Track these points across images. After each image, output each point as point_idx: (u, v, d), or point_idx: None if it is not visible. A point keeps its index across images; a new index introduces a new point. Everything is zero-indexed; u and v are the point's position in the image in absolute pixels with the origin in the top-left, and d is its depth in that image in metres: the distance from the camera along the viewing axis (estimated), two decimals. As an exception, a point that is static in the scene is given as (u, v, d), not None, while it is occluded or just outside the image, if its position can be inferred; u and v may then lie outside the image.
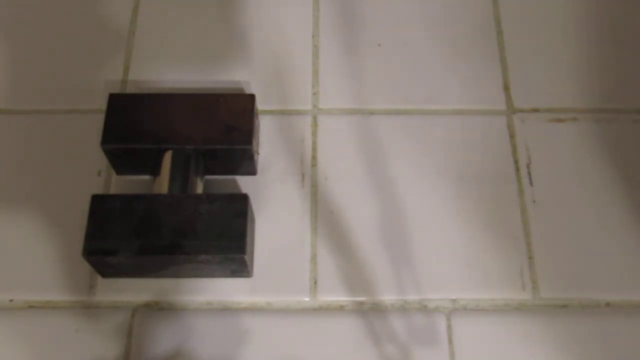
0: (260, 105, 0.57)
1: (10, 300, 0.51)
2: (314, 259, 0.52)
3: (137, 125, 0.53)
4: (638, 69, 0.60)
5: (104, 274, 0.51)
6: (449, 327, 0.50)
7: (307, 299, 0.51)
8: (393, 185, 0.55)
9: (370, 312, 0.51)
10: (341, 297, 0.51)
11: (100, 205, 0.49)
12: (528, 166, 0.56)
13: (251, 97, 0.54)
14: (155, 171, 0.53)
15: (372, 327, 0.50)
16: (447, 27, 0.62)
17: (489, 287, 0.51)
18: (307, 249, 0.53)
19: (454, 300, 0.51)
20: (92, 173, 0.55)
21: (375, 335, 0.50)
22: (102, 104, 0.55)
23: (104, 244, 0.48)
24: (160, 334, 0.50)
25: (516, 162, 0.56)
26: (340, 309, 0.51)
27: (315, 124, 0.57)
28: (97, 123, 0.55)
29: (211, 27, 0.62)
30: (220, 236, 0.48)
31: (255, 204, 0.53)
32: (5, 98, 0.59)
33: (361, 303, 0.51)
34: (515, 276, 0.52)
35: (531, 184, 0.55)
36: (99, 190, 0.55)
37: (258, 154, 0.56)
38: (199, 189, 0.52)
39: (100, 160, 0.55)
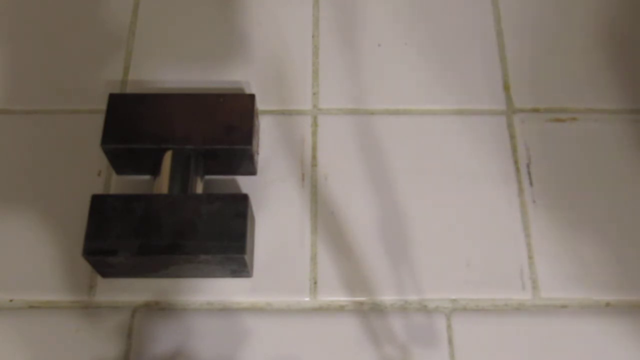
0: (260, 105, 0.57)
1: (10, 300, 0.51)
2: (314, 258, 0.52)
3: (137, 125, 0.53)
4: (638, 69, 0.60)
5: (104, 274, 0.51)
6: (449, 327, 0.50)
7: (307, 299, 0.51)
8: (393, 185, 0.55)
9: (370, 312, 0.51)
10: (341, 297, 0.51)
11: (100, 205, 0.49)
12: (528, 166, 0.56)
13: (251, 97, 0.54)
14: (155, 171, 0.53)
15: (372, 327, 0.50)
16: (447, 27, 0.62)
17: (489, 287, 0.51)
18: (307, 248, 0.53)
19: (454, 300, 0.51)
20: (92, 173, 0.55)
21: (375, 335, 0.50)
22: (102, 104, 0.55)
23: (104, 244, 0.48)
24: (160, 334, 0.50)
25: (516, 162, 0.56)
26: (340, 309, 0.51)
27: (315, 124, 0.57)
28: (97, 123, 0.55)
29: (211, 27, 0.62)
30: (220, 236, 0.48)
31: (255, 204, 0.53)
32: (5, 98, 0.59)
33: (361, 303, 0.51)
34: (515, 276, 0.52)
35: (531, 184, 0.55)
36: (99, 190, 0.55)
37: (258, 154, 0.56)
38: (199, 189, 0.52)
39: (100, 160, 0.55)
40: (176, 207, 0.49)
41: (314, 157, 0.56)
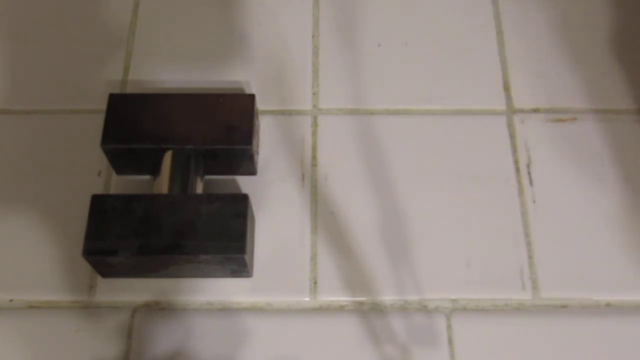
0: (260, 105, 0.57)
1: (10, 300, 0.51)
2: (314, 258, 0.52)
3: (137, 125, 0.53)
4: (638, 69, 0.60)
5: (104, 274, 0.51)
6: (449, 327, 0.50)
7: (307, 299, 0.51)
8: (393, 185, 0.55)
9: (370, 312, 0.51)
10: (341, 297, 0.51)
11: (100, 205, 0.49)
12: (528, 166, 0.56)
13: (251, 97, 0.54)
14: (155, 171, 0.53)
15: (372, 327, 0.50)
16: (447, 27, 0.62)
17: (489, 287, 0.51)
18: (307, 248, 0.53)
19: (454, 300, 0.51)
20: (92, 173, 0.55)
21: (375, 335, 0.50)
22: (102, 104, 0.55)
23: (104, 244, 0.48)
24: (160, 334, 0.50)
25: (516, 162, 0.56)
26: (340, 309, 0.51)
27: (315, 124, 0.57)
28: (97, 123, 0.55)
29: (211, 27, 0.62)
30: (220, 236, 0.48)
31: (255, 204, 0.53)
32: (5, 98, 0.59)
33: (361, 303, 0.51)
34: (515, 276, 0.52)
35: (531, 184, 0.55)
36: (99, 190, 0.55)
37: (258, 154, 0.56)
38: (199, 189, 0.52)
39: (100, 160, 0.55)
40: (176, 207, 0.49)
41: (314, 157, 0.56)
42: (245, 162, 0.54)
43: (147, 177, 0.55)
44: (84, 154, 0.56)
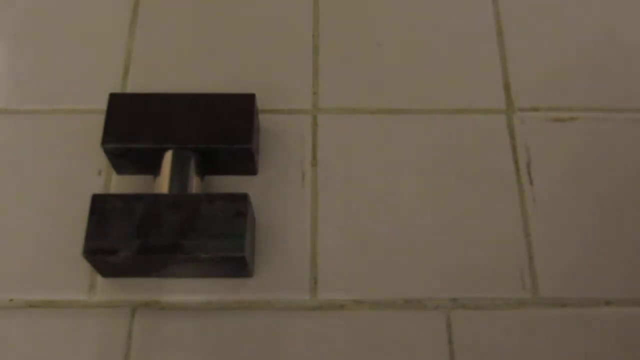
0: (260, 105, 0.57)
1: (10, 300, 0.51)
2: (314, 258, 0.52)
3: (137, 125, 0.53)
4: (638, 69, 0.60)
5: (104, 274, 0.51)
6: (449, 327, 0.50)
7: (307, 298, 0.51)
8: (393, 185, 0.55)
9: (370, 311, 0.51)
10: (341, 296, 0.51)
11: (100, 205, 0.49)
12: (528, 166, 0.56)
13: (251, 97, 0.54)
14: (155, 171, 0.53)
15: (372, 326, 0.50)
16: (447, 27, 0.62)
17: (489, 287, 0.51)
18: (307, 248, 0.53)
19: (454, 300, 0.51)
20: (92, 173, 0.55)
21: (376, 335, 0.50)
22: (102, 104, 0.55)
23: (104, 244, 0.48)
24: (160, 334, 0.50)
25: (516, 162, 0.56)
26: (340, 308, 0.51)
27: (315, 123, 0.58)
28: (97, 123, 0.55)
29: (211, 27, 0.62)
30: (220, 236, 0.48)
31: (255, 203, 0.53)
32: (5, 98, 0.59)
33: (361, 302, 0.51)
34: (515, 276, 0.52)
35: (531, 184, 0.55)
36: (99, 190, 0.55)
37: (258, 153, 0.56)
38: (199, 188, 0.52)
39: (100, 160, 0.55)
40: (176, 207, 0.49)
41: (314, 157, 0.56)
42: (245, 162, 0.54)
43: (147, 176, 0.55)
44: (84, 154, 0.56)
